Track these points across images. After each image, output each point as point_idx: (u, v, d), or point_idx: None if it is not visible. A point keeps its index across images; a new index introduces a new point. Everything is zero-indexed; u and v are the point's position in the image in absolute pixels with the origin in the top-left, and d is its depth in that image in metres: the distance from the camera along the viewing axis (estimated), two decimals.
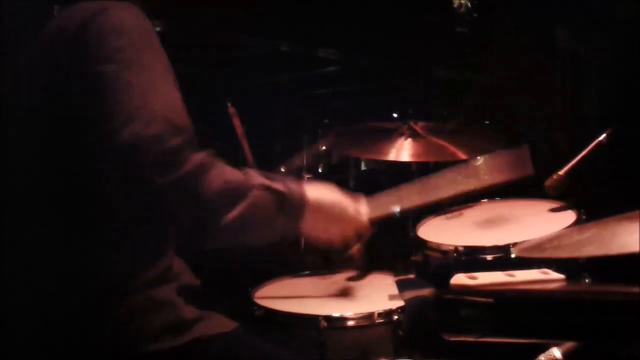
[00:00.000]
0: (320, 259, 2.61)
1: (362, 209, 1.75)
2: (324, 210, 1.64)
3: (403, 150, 2.43)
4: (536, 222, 2.10)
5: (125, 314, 1.50)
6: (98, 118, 1.41)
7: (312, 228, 1.64)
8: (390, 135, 2.49)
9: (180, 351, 1.52)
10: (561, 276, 1.35)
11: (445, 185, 1.96)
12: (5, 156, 1.54)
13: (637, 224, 1.20)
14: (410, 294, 1.84)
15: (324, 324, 1.81)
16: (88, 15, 1.46)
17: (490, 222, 2.20)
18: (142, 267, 1.55)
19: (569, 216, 2.05)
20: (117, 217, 1.48)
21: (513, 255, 1.89)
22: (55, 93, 1.47)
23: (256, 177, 1.53)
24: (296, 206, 1.58)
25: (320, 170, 3.49)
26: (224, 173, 1.47)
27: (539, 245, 1.50)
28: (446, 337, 1.13)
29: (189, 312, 1.58)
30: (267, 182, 1.53)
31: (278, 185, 1.54)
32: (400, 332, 1.83)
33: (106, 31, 1.43)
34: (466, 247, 1.99)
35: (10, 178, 1.53)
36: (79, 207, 1.47)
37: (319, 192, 1.65)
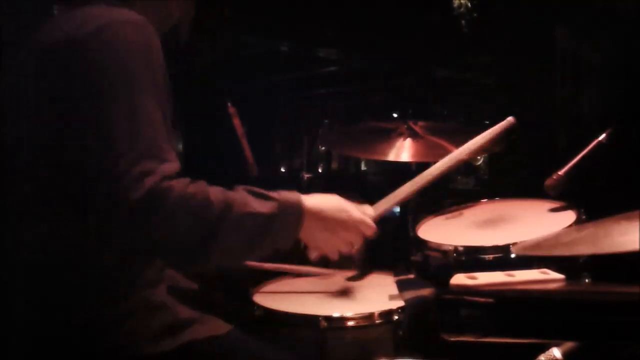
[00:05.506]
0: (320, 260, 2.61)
1: (367, 212, 1.76)
2: (323, 218, 1.64)
3: (403, 151, 2.43)
4: (536, 222, 2.09)
5: (121, 317, 1.50)
6: (77, 138, 1.42)
7: (311, 237, 1.64)
8: (389, 135, 2.49)
9: (174, 354, 1.52)
10: (561, 276, 1.35)
11: (436, 167, 1.96)
12: (4, 157, 1.54)
13: (634, 224, 1.20)
14: (410, 294, 1.85)
15: (324, 324, 1.81)
16: (94, 29, 1.46)
17: (490, 222, 2.19)
18: (137, 269, 1.55)
19: (569, 216, 2.05)
20: (109, 220, 1.47)
21: (513, 255, 1.89)
22: (50, 97, 1.47)
23: (238, 205, 1.48)
24: (291, 219, 1.56)
25: (320, 170, 3.49)
26: (191, 209, 1.41)
27: (537, 244, 1.50)
28: (446, 337, 1.13)
29: (184, 312, 1.58)
30: (250, 208, 1.48)
31: (264, 207, 1.51)
32: (400, 332, 1.83)
33: (105, 53, 1.44)
34: (466, 247, 1.99)
35: (7, 180, 1.53)
36: (74, 210, 1.47)
37: (317, 201, 1.64)
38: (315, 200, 1.64)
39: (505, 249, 1.91)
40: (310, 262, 2.16)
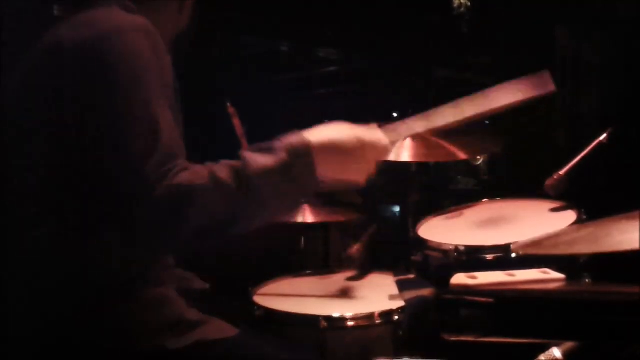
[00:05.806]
0: (320, 260, 2.61)
1: (379, 135, 1.67)
2: (335, 148, 1.57)
3: (403, 151, 2.43)
4: (536, 222, 2.10)
5: (123, 316, 1.50)
6: (90, 138, 1.42)
7: (328, 171, 1.56)
8: None
9: (180, 354, 1.52)
10: (561, 276, 1.35)
11: (461, 109, 1.85)
12: (6, 157, 1.54)
13: (634, 223, 1.20)
14: (410, 294, 1.85)
15: (324, 324, 1.81)
16: (99, 35, 1.46)
17: (490, 222, 2.19)
18: (141, 268, 1.55)
19: (569, 216, 2.05)
20: (115, 217, 1.47)
21: (513, 255, 1.89)
22: (56, 100, 1.47)
23: (248, 168, 1.46)
24: (305, 160, 1.52)
25: None
26: (207, 200, 1.41)
27: (537, 243, 1.50)
28: (446, 337, 1.13)
29: (191, 313, 1.58)
30: (259, 169, 1.47)
31: (271, 160, 1.48)
32: (400, 332, 1.83)
33: (114, 56, 1.44)
34: (466, 247, 1.99)
35: (9, 178, 1.53)
36: (76, 210, 1.47)
37: (324, 133, 1.59)
38: (323, 133, 1.59)
39: (505, 248, 1.91)
40: (308, 265, 2.16)
